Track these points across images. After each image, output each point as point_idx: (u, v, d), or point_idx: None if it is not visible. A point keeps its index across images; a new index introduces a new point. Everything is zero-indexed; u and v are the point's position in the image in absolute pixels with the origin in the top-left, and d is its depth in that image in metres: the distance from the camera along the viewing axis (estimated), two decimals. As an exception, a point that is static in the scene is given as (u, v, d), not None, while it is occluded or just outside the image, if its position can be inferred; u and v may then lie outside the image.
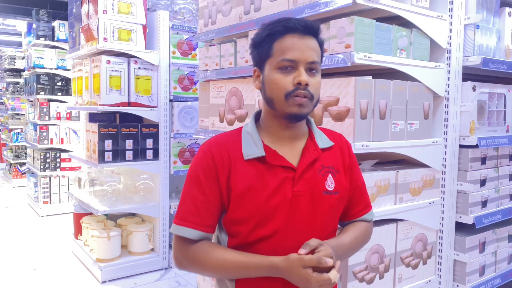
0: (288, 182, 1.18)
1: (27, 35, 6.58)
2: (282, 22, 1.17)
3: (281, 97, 1.15)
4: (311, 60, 1.15)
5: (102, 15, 3.48)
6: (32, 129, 6.17)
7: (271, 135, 1.24)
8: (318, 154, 1.23)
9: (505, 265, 2.36)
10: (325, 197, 1.21)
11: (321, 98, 1.76)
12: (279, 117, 1.20)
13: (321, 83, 1.22)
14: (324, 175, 1.22)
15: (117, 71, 3.61)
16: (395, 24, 1.83)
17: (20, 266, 4.03)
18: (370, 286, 1.79)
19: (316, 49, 1.18)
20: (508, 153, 2.33)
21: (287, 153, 1.22)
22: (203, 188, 1.20)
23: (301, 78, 1.13)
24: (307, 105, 1.16)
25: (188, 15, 4.21)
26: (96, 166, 3.62)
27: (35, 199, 6.09)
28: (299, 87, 1.13)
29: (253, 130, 1.25)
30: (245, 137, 1.24)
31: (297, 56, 1.14)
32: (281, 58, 1.15)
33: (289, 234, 1.18)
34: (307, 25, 1.16)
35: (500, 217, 2.20)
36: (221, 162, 1.20)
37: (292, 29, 1.15)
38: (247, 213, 1.18)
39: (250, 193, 1.18)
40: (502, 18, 2.22)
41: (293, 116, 1.17)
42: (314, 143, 1.24)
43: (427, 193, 2.00)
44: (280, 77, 1.15)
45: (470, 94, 2.05)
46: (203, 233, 1.20)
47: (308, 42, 1.16)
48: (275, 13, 2.00)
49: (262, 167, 1.19)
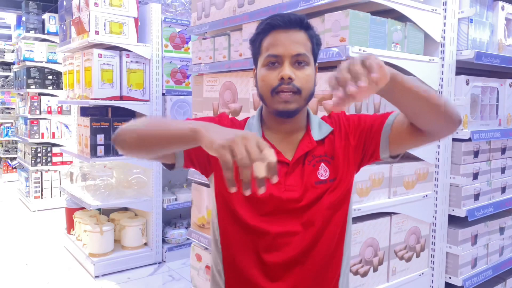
0: (281, 177, 1.17)
1: (17, 28, 6.49)
2: (267, 20, 1.18)
3: (268, 93, 1.15)
4: (296, 53, 1.13)
5: (93, 7, 3.44)
6: (23, 123, 6.10)
7: (270, 129, 1.24)
8: (312, 146, 1.21)
9: (497, 257, 2.38)
10: (318, 188, 1.19)
11: (316, 92, 1.75)
12: (271, 113, 1.21)
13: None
14: (315, 165, 1.20)
15: (109, 64, 3.58)
16: (390, 17, 1.82)
17: (12, 261, 4.00)
18: (364, 279, 1.81)
19: (303, 42, 1.15)
20: (500, 146, 2.35)
21: (284, 147, 1.21)
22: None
23: (283, 72, 1.12)
24: (294, 101, 1.13)
25: (180, 8, 4.18)
26: (88, 160, 3.59)
27: (26, 194, 6.04)
28: (283, 81, 1.12)
29: (257, 122, 1.25)
30: (247, 127, 1.25)
31: (280, 51, 1.13)
32: (266, 54, 1.15)
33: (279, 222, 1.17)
34: (290, 19, 1.15)
35: (492, 210, 2.22)
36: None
37: (275, 26, 1.15)
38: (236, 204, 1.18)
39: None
40: (495, 12, 2.23)
41: (280, 113, 1.16)
42: (310, 136, 1.23)
43: (421, 187, 2.01)
44: (266, 73, 1.15)
45: (463, 88, 2.06)
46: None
47: (293, 35, 1.14)
48: (269, 6, 1.99)
49: None
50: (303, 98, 1.15)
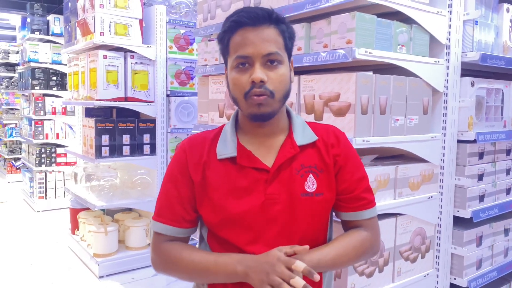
0: (260, 185, 1.10)
1: (22, 29, 6.52)
2: (233, 17, 1.09)
3: (241, 97, 1.07)
4: (267, 52, 1.05)
5: (98, 9, 3.46)
6: (27, 124, 6.13)
7: (247, 133, 1.16)
8: (294, 152, 1.13)
9: (501, 258, 2.38)
10: (304, 200, 1.11)
11: (322, 94, 1.77)
12: (247, 117, 1.14)
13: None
14: (304, 175, 1.12)
15: (114, 65, 3.60)
16: (395, 19, 1.83)
17: (17, 262, 4.02)
18: (369, 279, 1.81)
19: (273, 39, 1.07)
20: (505, 148, 2.35)
21: (263, 152, 1.13)
22: (178, 184, 1.16)
23: (253, 76, 1.04)
24: (268, 104, 1.06)
25: (184, 10, 4.19)
26: (93, 161, 3.61)
27: (30, 194, 6.06)
28: (254, 85, 1.05)
29: (231, 128, 1.17)
30: (223, 135, 1.17)
31: (250, 51, 1.05)
32: (235, 55, 1.07)
33: (264, 241, 1.10)
34: (257, 14, 1.06)
35: (497, 211, 2.22)
36: (195, 161, 1.15)
37: (242, 23, 1.06)
38: (217, 218, 1.12)
39: (218, 195, 1.12)
40: (500, 14, 2.23)
41: (255, 116, 1.09)
42: (292, 140, 1.14)
43: (426, 188, 2.02)
44: (237, 76, 1.07)
45: (469, 90, 2.07)
46: (178, 228, 1.16)
47: (263, 32, 1.06)
48: (275, 8, 2.00)
49: (233, 168, 1.12)
50: (277, 101, 1.08)
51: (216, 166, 1.14)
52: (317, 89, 1.79)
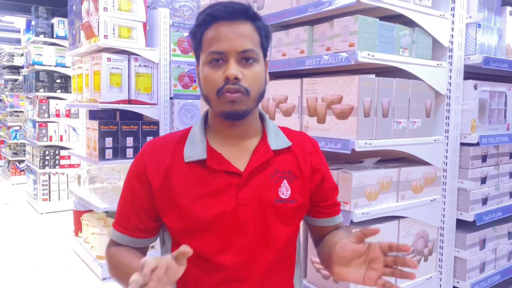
0: (232, 189, 1.04)
1: (26, 32, 6.56)
2: (207, 10, 1.03)
3: (213, 94, 1.01)
4: (243, 49, 1.00)
5: (102, 12, 3.48)
6: (31, 126, 6.16)
7: (217, 135, 1.10)
8: (268, 156, 1.07)
9: (505, 262, 2.38)
10: (278, 207, 1.06)
11: (325, 96, 1.77)
12: (219, 116, 1.07)
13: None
14: (278, 181, 1.08)
15: (117, 68, 3.61)
16: (398, 23, 1.84)
17: (20, 263, 4.04)
18: (372, 282, 1.81)
19: (250, 35, 1.02)
20: (508, 151, 2.35)
21: (234, 155, 1.08)
22: (133, 192, 1.10)
23: (228, 72, 0.98)
24: (241, 101, 1.00)
25: (188, 13, 4.21)
26: (96, 163, 3.62)
27: (34, 196, 6.09)
28: (228, 82, 0.99)
29: (200, 129, 1.10)
30: (190, 137, 1.10)
31: (224, 47, 0.99)
32: (209, 50, 1.01)
33: (235, 249, 1.04)
34: (234, 9, 1.00)
35: (500, 214, 2.22)
36: (155, 166, 1.08)
37: (217, 17, 1.01)
38: (183, 225, 1.05)
39: (185, 201, 1.04)
40: (503, 17, 2.23)
41: (227, 114, 1.03)
42: (266, 144, 1.09)
43: (429, 191, 2.01)
44: (210, 72, 1.01)
45: (472, 93, 2.07)
46: (132, 238, 1.10)
47: (239, 28, 1.01)
48: (278, 11, 2.01)
49: (202, 172, 1.06)
50: (252, 99, 1.03)
51: (182, 170, 1.06)
52: (319, 92, 1.80)
